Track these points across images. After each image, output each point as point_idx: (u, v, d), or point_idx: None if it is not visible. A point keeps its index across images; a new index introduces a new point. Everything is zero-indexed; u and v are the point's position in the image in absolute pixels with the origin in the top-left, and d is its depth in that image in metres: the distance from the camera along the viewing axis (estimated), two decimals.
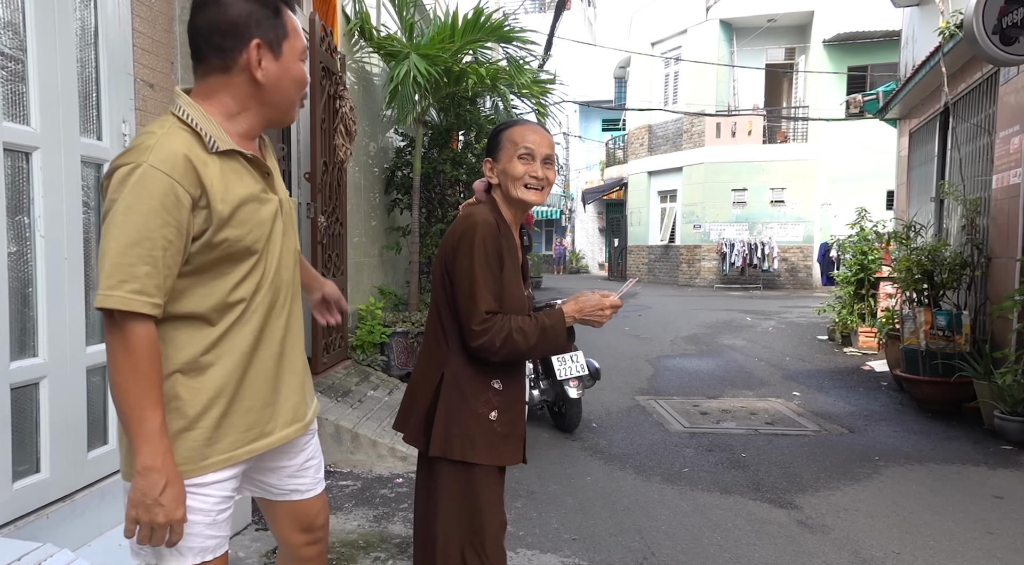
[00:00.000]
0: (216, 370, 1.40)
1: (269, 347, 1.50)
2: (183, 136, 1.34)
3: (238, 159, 1.42)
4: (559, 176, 28.76)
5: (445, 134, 7.18)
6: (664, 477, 4.16)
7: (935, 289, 6.00)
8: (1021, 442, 4.67)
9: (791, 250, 19.44)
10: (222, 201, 1.35)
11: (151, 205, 1.26)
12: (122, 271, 1.25)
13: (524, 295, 1.95)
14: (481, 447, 1.86)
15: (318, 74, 4.88)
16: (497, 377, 1.90)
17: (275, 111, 1.48)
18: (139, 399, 1.28)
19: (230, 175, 1.38)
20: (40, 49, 2.41)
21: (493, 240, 1.83)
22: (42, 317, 2.49)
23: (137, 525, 1.31)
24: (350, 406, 4.59)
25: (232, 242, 1.38)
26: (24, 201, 2.42)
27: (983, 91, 6.16)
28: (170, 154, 1.29)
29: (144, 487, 1.29)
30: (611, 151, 26.03)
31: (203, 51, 1.39)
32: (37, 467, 2.52)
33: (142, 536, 1.32)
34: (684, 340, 9.71)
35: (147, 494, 1.29)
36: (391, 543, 3.18)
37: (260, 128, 1.49)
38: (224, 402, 1.42)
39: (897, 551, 3.15)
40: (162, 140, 1.31)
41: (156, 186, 1.27)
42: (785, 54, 20.82)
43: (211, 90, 1.41)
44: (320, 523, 1.73)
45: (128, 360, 1.27)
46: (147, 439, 1.28)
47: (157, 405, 1.30)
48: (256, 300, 1.46)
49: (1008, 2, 4.40)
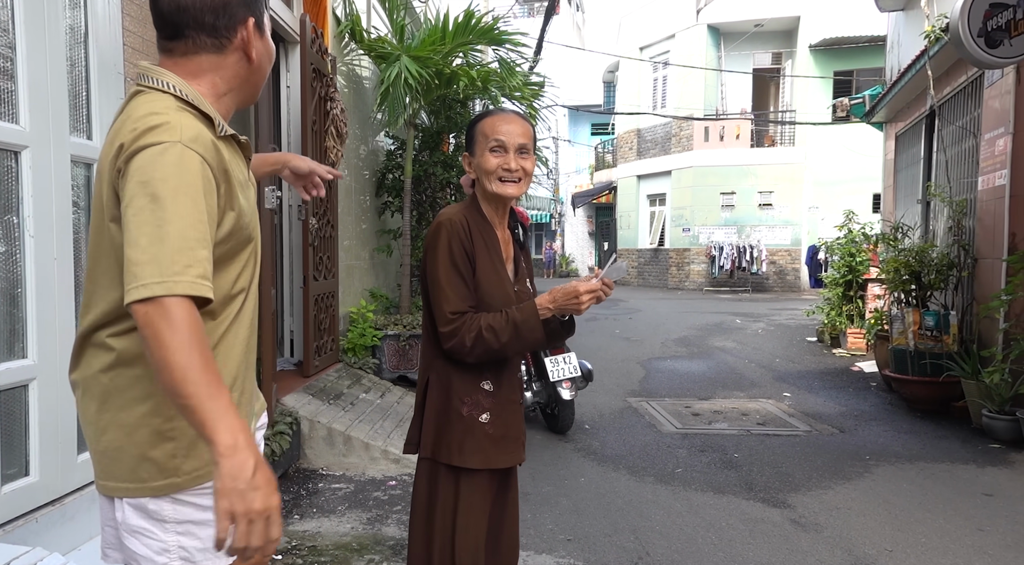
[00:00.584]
0: (225, 365, 1.34)
1: (254, 336, 1.47)
2: (192, 117, 1.27)
3: (232, 143, 1.38)
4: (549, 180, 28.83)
5: (436, 137, 7.17)
6: (657, 477, 4.17)
7: (923, 290, 6.05)
8: (1009, 440, 4.72)
9: (779, 253, 19.56)
10: (240, 189, 1.32)
11: (196, 187, 1.19)
12: (186, 256, 1.15)
13: (509, 291, 1.89)
14: (470, 451, 1.82)
15: (309, 76, 4.87)
16: (487, 378, 1.86)
17: (252, 91, 1.43)
18: (202, 373, 1.14)
19: (233, 161, 1.35)
20: (29, 48, 2.39)
21: (458, 240, 1.80)
22: (31, 318, 2.46)
23: (231, 521, 1.10)
24: (342, 409, 4.57)
25: (240, 228, 1.33)
26: (13, 201, 2.40)
27: (968, 94, 6.23)
28: (197, 134, 1.23)
29: (234, 470, 1.10)
30: (600, 155, 26.12)
31: (189, 30, 1.31)
32: (26, 470, 2.49)
33: (241, 534, 1.09)
34: (675, 342, 9.74)
35: (238, 477, 1.10)
36: (385, 545, 3.16)
37: (235, 109, 1.44)
38: (236, 396, 1.37)
39: (890, 549, 3.16)
40: (181, 119, 1.23)
41: (196, 167, 1.20)
42: (772, 59, 20.99)
43: (199, 70, 1.34)
44: None
45: (179, 335, 1.13)
46: (225, 414, 1.12)
47: (220, 380, 1.16)
48: (252, 289, 1.42)
49: (992, 6, 4.45)
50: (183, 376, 1.11)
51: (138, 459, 1.27)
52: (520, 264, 2.02)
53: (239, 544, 1.10)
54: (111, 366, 1.29)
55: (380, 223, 7.20)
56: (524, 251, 2.10)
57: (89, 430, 1.33)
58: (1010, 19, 4.45)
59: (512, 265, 1.98)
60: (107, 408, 1.30)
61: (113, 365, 1.28)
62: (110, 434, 1.29)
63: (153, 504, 1.28)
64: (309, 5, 5.46)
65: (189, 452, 1.28)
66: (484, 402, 1.85)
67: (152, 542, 1.29)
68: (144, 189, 1.16)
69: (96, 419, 1.31)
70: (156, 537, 1.29)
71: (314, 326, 5.00)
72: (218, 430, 1.11)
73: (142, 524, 1.29)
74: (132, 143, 1.20)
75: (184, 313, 1.14)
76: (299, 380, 4.78)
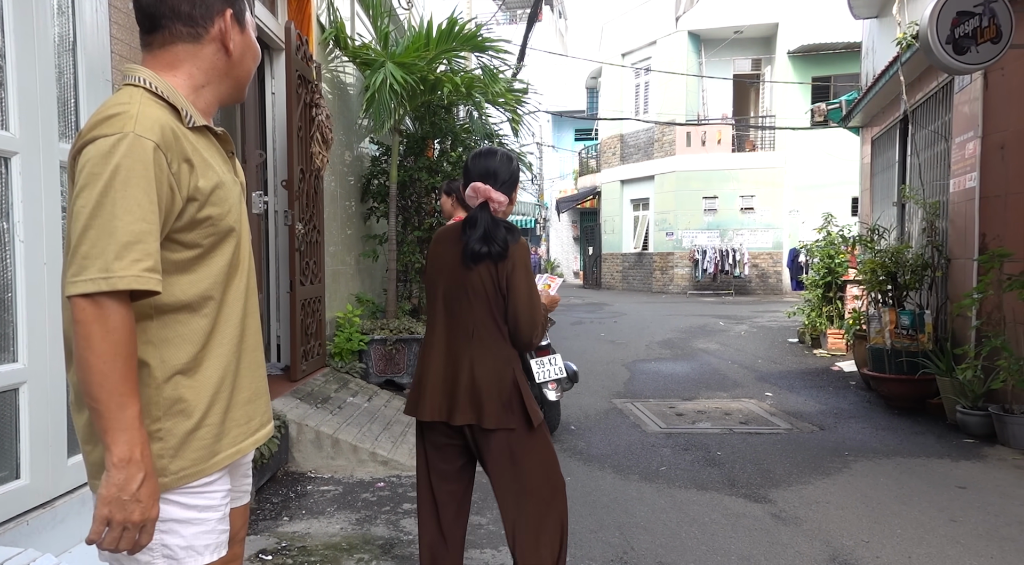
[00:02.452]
0: (212, 364, 1.34)
1: (252, 336, 1.45)
2: (159, 108, 1.26)
3: (208, 136, 1.37)
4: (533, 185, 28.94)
5: (420, 142, 7.23)
6: (642, 476, 4.24)
7: (899, 290, 6.18)
8: (982, 435, 4.84)
9: (761, 256, 19.78)
10: (203, 176, 1.30)
11: (147, 177, 1.18)
12: (135, 249, 1.16)
13: None
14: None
15: (294, 82, 4.91)
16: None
17: (234, 86, 1.44)
18: (118, 384, 1.16)
19: (205, 150, 1.34)
20: (19, 56, 2.43)
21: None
22: (22, 322, 2.49)
23: (107, 526, 1.17)
24: (330, 412, 4.60)
25: (215, 220, 1.32)
26: (3, 206, 2.43)
27: (939, 99, 6.39)
28: (155, 123, 1.22)
29: (121, 481, 1.16)
30: (584, 160, 26.28)
31: (165, 20, 1.32)
32: (17, 473, 2.51)
33: (110, 538, 1.18)
34: (659, 345, 9.84)
35: (124, 489, 1.17)
36: (375, 545, 3.20)
37: (217, 105, 1.44)
38: (226, 396, 1.37)
39: (866, 539, 3.25)
40: (142, 109, 1.23)
41: (148, 156, 1.19)
42: (752, 65, 21.27)
43: (176, 60, 1.34)
44: (241, 536, 1.60)
45: (109, 342, 1.16)
46: (126, 428, 1.16)
47: (135, 392, 1.19)
48: (240, 286, 1.40)
49: (960, 14, 4.59)
50: (100, 381, 1.15)
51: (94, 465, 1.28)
52: None
53: (107, 547, 1.18)
54: None
55: (366, 228, 7.24)
56: None
57: (81, 431, 1.33)
58: (977, 26, 4.59)
59: None
60: None
61: None
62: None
63: None
64: (294, 12, 5.51)
65: (176, 453, 1.29)
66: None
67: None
68: (94, 180, 1.16)
69: (87, 420, 1.31)
70: None
71: (301, 331, 5.03)
72: (117, 441, 1.15)
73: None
74: (87, 133, 1.21)
75: (120, 319, 1.16)
76: (287, 384, 4.81)
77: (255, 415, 1.45)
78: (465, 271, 2.19)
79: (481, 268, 2.17)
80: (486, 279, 2.17)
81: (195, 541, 1.32)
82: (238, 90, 1.46)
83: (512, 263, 2.17)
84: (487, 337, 2.18)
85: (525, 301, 2.17)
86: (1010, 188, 5.04)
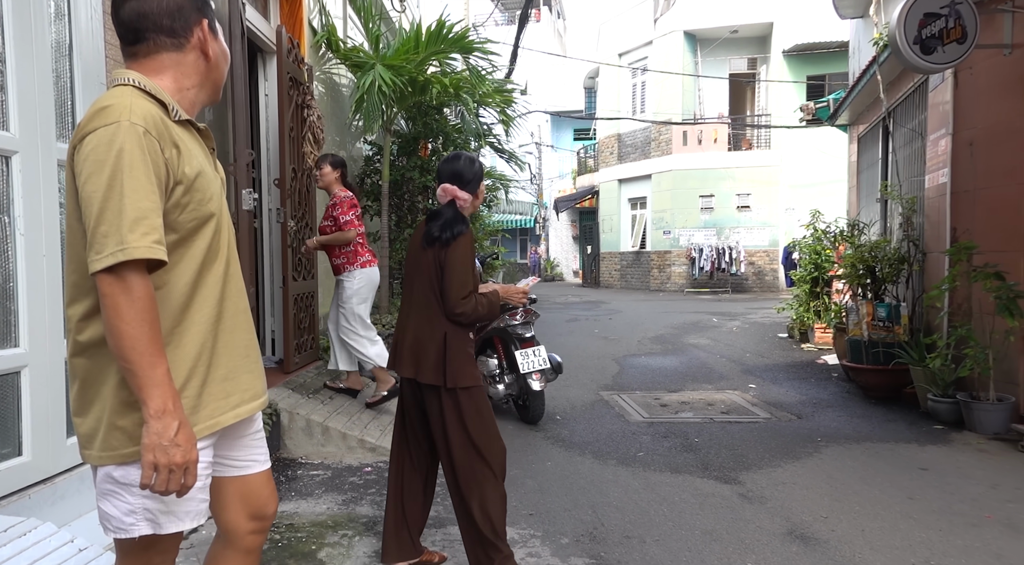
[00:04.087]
0: (189, 341, 1.46)
1: (231, 319, 1.56)
2: (147, 102, 1.41)
3: (191, 130, 1.53)
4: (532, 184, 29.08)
5: (413, 142, 7.41)
6: (620, 460, 4.41)
7: (877, 283, 6.34)
8: (951, 422, 5.00)
9: (758, 254, 19.92)
10: (187, 163, 1.44)
11: (146, 161, 1.34)
12: (143, 224, 1.31)
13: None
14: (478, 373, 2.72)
15: (285, 84, 5.09)
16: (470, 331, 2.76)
17: (212, 88, 1.60)
18: (147, 345, 1.31)
19: (188, 142, 1.48)
20: (18, 62, 2.61)
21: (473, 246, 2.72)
22: (23, 310, 2.67)
23: (154, 471, 1.32)
24: (320, 402, 4.78)
25: (196, 204, 1.45)
26: (4, 202, 2.61)
27: (916, 98, 6.55)
28: (146, 113, 1.37)
29: (160, 429, 1.31)
30: (582, 160, 26.44)
31: (149, 33, 1.47)
32: (19, 450, 2.69)
33: (160, 481, 1.33)
34: (651, 340, 10.00)
35: (163, 435, 1.31)
36: (359, 522, 3.38)
37: (199, 105, 1.58)
38: (203, 371, 1.48)
39: (825, 515, 3.42)
40: (133, 101, 1.37)
41: (139, 139, 1.34)
42: (748, 64, 21.42)
43: (161, 67, 1.50)
44: (269, 512, 1.72)
45: (135, 308, 1.31)
46: (158, 384, 1.32)
47: (163, 352, 1.34)
48: (218, 270, 1.52)
49: (926, 15, 4.76)
50: (131, 345, 1.30)
51: (109, 428, 1.40)
52: None
53: (159, 489, 1.33)
54: (88, 346, 1.43)
55: None
56: None
57: (73, 403, 1.48)
58: (943, 27, 4.76)
59: None
60: (88, 384, 1.44)
61: (89, 345, 1.43)
62: (91, 407, 1.44)
63: (121, 470, 1.41)
64: (286, 17, 5.69)
65: None
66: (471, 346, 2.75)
67: (121, 504, 1.42)
68: (100, 166, 1.31)
69: (80, 395, 1.46)
70: (124, 499, 1.42)
71: (294, 325, 5.21)
72: (152, 395, 1.31)
73: (112, 487, 1.42)
74: (85, 126, 1.35)
75: (142, 289, 1.32)
76: (280, 376, 4.98)
77: (234, 392, 1.55)
78: (421, 252, 2.70)
79: (432, 250, 2.65)
80: (432, 260, 2.67)
81: (175, 506, 1.44)
82: (216, 91, 1.64)
83: (452, 249, 2.63)
84: (428, 307, 2.68)
85: (452, 279, 2.61)
86: (978, 183, 5.20)
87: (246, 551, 1.69)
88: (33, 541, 2.36)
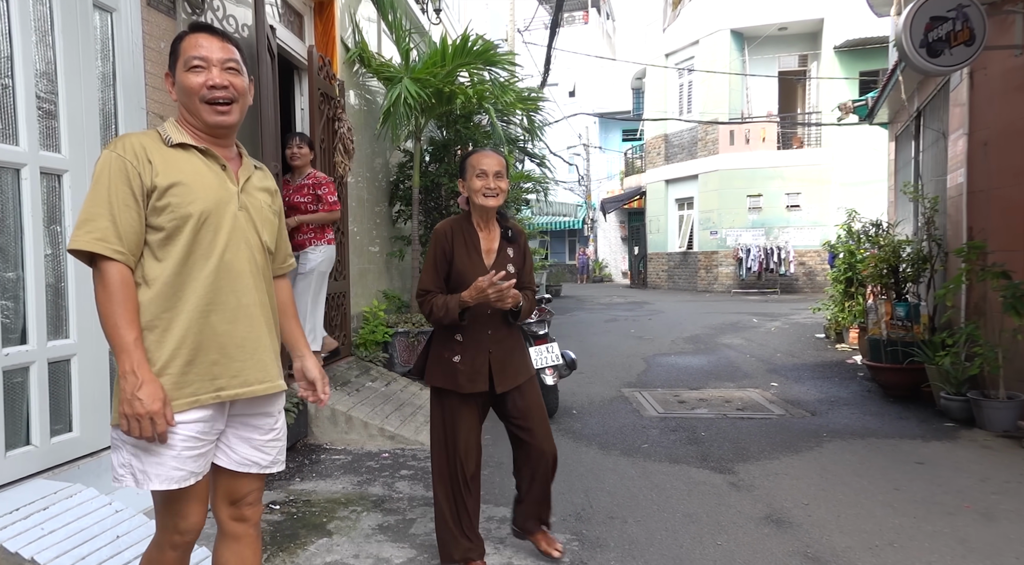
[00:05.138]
0: (177, 324, 1.71)
1: (231, 311, 1.77)
2: (149, 134, 1.81)
3: (193, 151, 1.82)
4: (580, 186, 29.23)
5: (444, 149, 7.76)
6: (623, 451, 4.63)
7: (899, 283, 6.35)
8: (962, 420, 5.02)
9: (808, 254, 19.59)
10: (162, 175, 1.74)
11: (110, 178, 1.70)
12: (87, 224, 1.67)
13: (480, 274, 2.63)
14: (439, 376, 2.77)
15: (316, 99, 5.50)
16: (459, 332, 2.76)
17: (195, 117, 1.84)
18: (116, 320, 1.65)
19: (178, 160, 1.78)
20: (68, 91, 3.04)
21: (440, 243, 2.74)
22: (72, 306, 3.10)
23: (126, 419, 1.64)
24: (347, 394, 5.15)
25: (174, 207, 1.73)
26: (57, 214, 3.04)
27: (941, 98, 6.52)
28: (128, 143, 1.74)
29: (125, 386, 1.63)
30: (630, 161, 26.47)
31: None
32: (70, 427, 3.12)
33: (132, 427, 1.64)
34: (684, 340, 10.10)
35: (127, 391, 1.63)
36: (368, 500, 3.71)
37: (205, 133, 1.84)
38: (187, 353, 1.72)
39: (807, 503, 3.57)
40: (127, 138, 1.76)
41: (115, 164, 1.71)
42: (799, 61, 21.07)
43: (179, 110, 1.89)
44: (249, 501, 1.93)
45: (105, 292, 1.66)
46: (124, 350, 1.64)
47: (131, 325, 1.66)
48: (208, 266, 1.75)
49: (933, 19, 4.81)
50: (104, 320, 1.67)
51: (113, 396, 1.73)
52: (503, 255, 2.81)
53: (133, 434, 1.65)
54: None
55: (395, 230, 7.82)
56: (516, 244, 2.87)
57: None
58: (950, 30, 4.80)
59: (493, 256, 2.79)
60: None
61: None
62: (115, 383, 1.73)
63: (116, 430, 1.72)
64: (320, 36, 6.13)
65: None
66: (456, 348, 2.76)
67: (116, 457, 1.74)
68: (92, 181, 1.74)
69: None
70: (120, 453, 1.73)
71: (325, 323, 5.60)
72: (122, 360, 1.65)
73: (114, 442, 1.75)
74: None
75: (112, 276, 1.67)
76: None
77: (221, 376, 1.77)
78: None
79: None
80: None
81: (148, 468, 1.70)
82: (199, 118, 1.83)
83: None
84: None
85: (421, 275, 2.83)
86: (992, 183, 5.20)
87: (234, 538, 1.93)
88: (77, 502, 2.78)
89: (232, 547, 1.94)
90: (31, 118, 2.87)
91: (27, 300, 2.92)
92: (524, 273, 2.85)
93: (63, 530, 2.58)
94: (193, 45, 1.81)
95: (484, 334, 2.76)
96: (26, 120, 2.85)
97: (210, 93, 1.80)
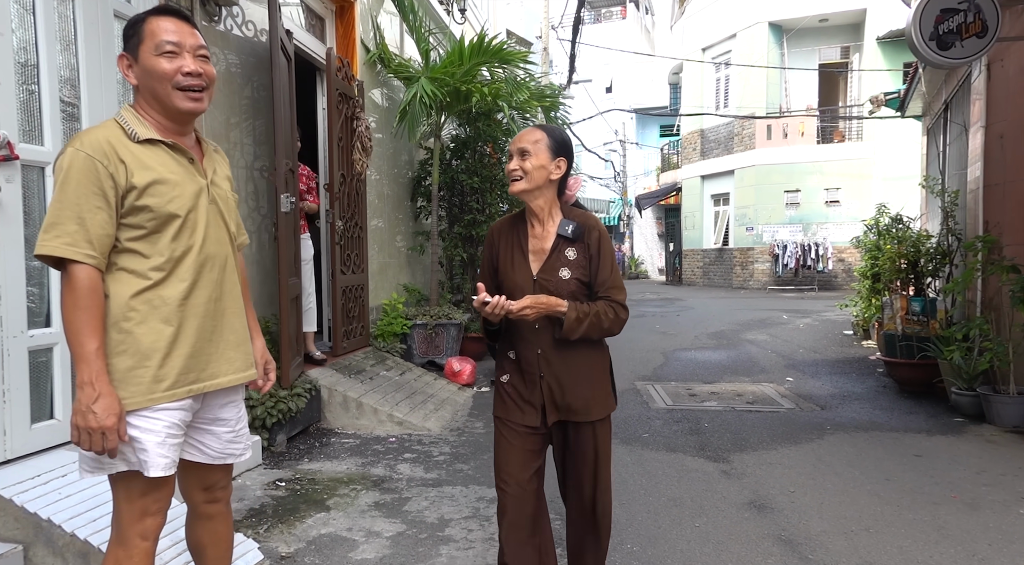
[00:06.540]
0: (153, 320, 1.70)
1: (200, 306, 1.78)
2: (111, 128, 1.70)
3: (160, 146, 1.75)
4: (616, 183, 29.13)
5: (464, 146, 7.94)
6: (622, 440, 4.73)
7: (919, 278, 6.28)
8: (973, 415, 4.98)
9: (847, 250, 19.18)
10: (136, 174, 1.68)
11: (78, 179, 1.61)
12: (55, 228, 1.59)
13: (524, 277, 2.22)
14: (496, 398, 2.35)
15: (334, 99, 5.72)
16: (513, 348, 2.27)
17: (161, 104, 1.76)
18: (80, 327, 1.58)
19: (148, 157, 1.72)
20: (90, 96, 3.29)
21: (486, 243, 2.36)
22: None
23: (77, 431, 1.58)
24: (360, 382, 5.37)
25: (154, 207, 1.69)
26: None
27: (964, 90, 6.42)
28: (94, 140, 1.65)
29: (82, 398, 1.57)
30: (666, 156, 26.31)
31: None
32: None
33: (83, 440, 1.59)
34: (708, 336, 10.09)
35: (82, 403, 1.57)
36: (369, 480, 3.91)
37: (167, 120, 1.77)
38: (164, 346, 1.72)
39: (792, 490, 3.63)
40: (93, 133, 1.67)
41: (83, 164, 1.62)
42: (840, 53, 20.65)
43: (136, 100, 1.81)
44: (222, 485, 1.97)
45: (71, 296, 1.59)
46: (84, 359, 1.58)
47: (94, 334, 1.59)
48: (185, 262, 1.75)
49: (943, 11, 4.77)
50: (67, 326, 1.61)
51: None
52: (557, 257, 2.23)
53: (83, 447, 1.62)
54: None
55: (416, 225, 8.03)
56: (579, 243, 2.24)
57: None
58: (961, 22, 4.75)
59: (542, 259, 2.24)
60: None
61: None
62: None
63: None
64: (340, 38, 6.36)
65: (119, 385, 1.67)
66: (507, 367, 2.30)
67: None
68: (55, 183, 1.66)
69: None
70: None
71: (343, 313, 5.84)
72: (80, 369, 1.59)
73: None
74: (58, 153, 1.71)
75: (80, 282, 1.61)
76: (330, 359, 5.62)
77: (195, 369, 1.78)
78: None
79: None
80: None
81: (129, 456, 1.70)
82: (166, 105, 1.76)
83: None
84: None
85: None
86: (1008, 176, 5.12)
87: (207, 517, 1.98)
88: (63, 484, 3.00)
89: (207, 525, 1.99)
90: (55, 121, 3.12)
91: (50, 286, 3.14)
92: (596, 277, 2.23)
93: (79, 495, 2.82)
94: (164, 29, 1.75)
95: (533, 354, 2.22)
96: (51, 123, 3.10)
97: (185, 80, 1.75)
